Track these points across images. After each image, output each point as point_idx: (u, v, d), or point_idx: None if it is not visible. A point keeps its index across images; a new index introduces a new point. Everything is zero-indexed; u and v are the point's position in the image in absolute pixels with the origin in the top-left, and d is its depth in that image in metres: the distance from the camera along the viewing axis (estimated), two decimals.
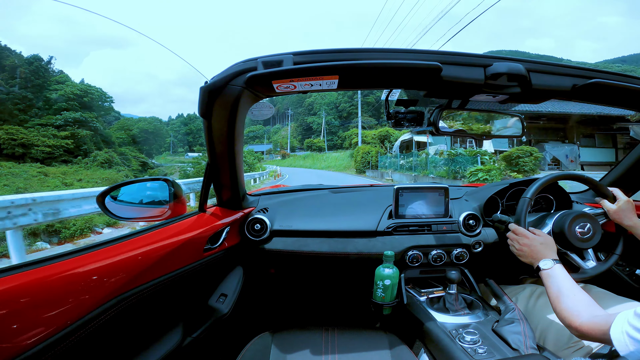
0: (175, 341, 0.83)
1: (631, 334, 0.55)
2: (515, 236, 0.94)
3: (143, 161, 30.98)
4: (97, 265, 0.60)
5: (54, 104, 29.75)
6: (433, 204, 1.21)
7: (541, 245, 0.87)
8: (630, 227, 0.94)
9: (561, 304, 0.73)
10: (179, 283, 0.82)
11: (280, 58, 0.61)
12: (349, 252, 1.13)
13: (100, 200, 0.85)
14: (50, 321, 0.52)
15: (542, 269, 0.82)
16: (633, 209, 0.97)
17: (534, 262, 0.86)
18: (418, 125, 0.89)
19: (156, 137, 66.27)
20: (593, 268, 0.97)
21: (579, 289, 0.74)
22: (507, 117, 0.97)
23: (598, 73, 0.72)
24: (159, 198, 0.94)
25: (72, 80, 35.40)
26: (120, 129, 40.58)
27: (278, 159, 41.72)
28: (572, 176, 1.04)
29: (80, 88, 33.20)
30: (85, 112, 29.95)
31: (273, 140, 73.65)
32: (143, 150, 35.68)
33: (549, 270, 0.81)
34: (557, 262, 0.82)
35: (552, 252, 0.86)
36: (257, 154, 52.57)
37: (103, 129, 32.34)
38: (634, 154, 1.10)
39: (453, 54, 0.66)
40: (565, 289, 0.75)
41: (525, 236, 0.91)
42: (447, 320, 0.93)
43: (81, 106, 30.89)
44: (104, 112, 40.15)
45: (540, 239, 0.89)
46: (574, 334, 0.70)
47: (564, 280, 0.77)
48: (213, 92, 0.67)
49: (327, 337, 0.92)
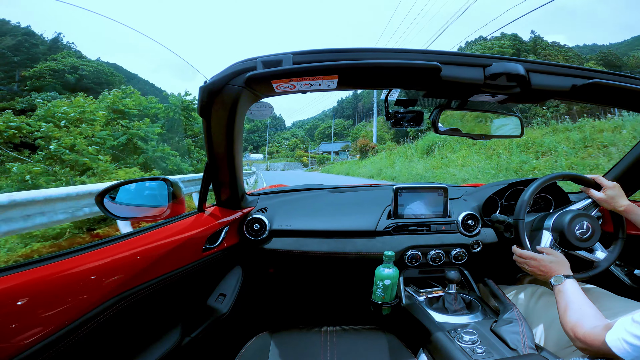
0: (174, 341, 0.83)
1: (629, 340, 0.56)
2: (524, 260, 0.94)
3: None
4: (96, 265, 0.60)
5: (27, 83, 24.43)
6: (432, 204, 1.21)
7: (551, 264, 0.88)
8: (624, 212, 0.95)
9: (567, 317, 0.74)
10: (178, 283, 0.81)
11: (280, 58, 0.61)
12: (348, 252, 1.13)
13: (99, 199, 0.85)
14: (49, 320, 0.52)
15: (553, 285, 0.84)
16: (622, 193, 0.98)
17: (547, 279, 0.88)
18: (417, 125, 0.89)
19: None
20: (605, 258, 0.98)
21: (588, 302, 0.75)
22: (507, 117, 0.97)
23: (597, 73, 0.72)
24: (158, 198, 0.94)
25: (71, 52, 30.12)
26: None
27: (354, 159, 30.93)
28: (565, 176, 1.05)
29: (80, 64, 28.15)
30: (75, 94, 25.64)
31: (353, 135, 51.54)
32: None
33: (560, 286, 0.82)
34: (569, 277, 0.83)
35: (564, 267, 0.87)
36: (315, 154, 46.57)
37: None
38: (633, 153, 1.11)
39: (452, 54, 0.66)
40: (572, 302, 0.76)
41: (533, 258, 0.91)
42: (446, 320, 0.93)
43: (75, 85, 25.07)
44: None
45: (548, 257, 0.89)
46: (577, 347, 0.71)
47: (573, 295, 0.77)
48: (212, 92, 0.67)
49: (326, 337, 0.92)
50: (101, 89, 29.35)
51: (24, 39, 31.43)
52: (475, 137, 0.94)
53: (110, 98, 10.69)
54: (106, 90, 11.83)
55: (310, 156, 51.81)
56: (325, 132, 65.30)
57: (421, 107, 0.88)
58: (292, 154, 56.25)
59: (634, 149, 1.10)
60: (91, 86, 28.54)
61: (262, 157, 55.61)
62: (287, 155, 56.89)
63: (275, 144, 72.68)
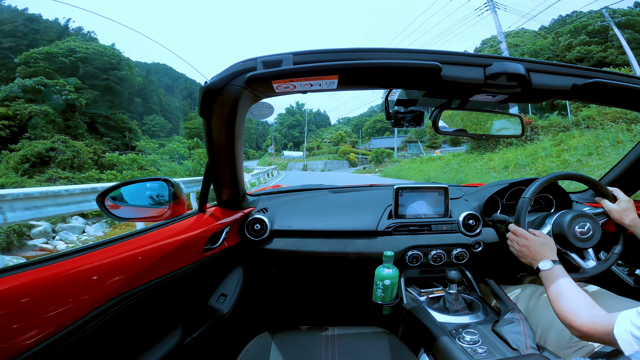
0: (175, 341, 0.83)
1: (635, 333, 0.55)
2: (515, 237, 0.94)
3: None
4: (97, 265, 0.60)
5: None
6: (433, 203, 1.21)
7: (541, 246, 0.87)
8: (631, 226, 0.95)
9: (561, 305, 0.73)
10: (178, 283, 0.82)
11: (280, 58, 0.61)
12: (349, 252, 1.13)
13: (100, 200, 0.85)
14: (50, 321, 0.52)
15: (541, 270, 0.83)
16: (633, 208, 0.97)
17: (533, 262, 0.86)
18: (418, 125, 0.89)
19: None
20: (593, 267, 0.97)
21: (579, 289, 0.74)
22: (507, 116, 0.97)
23: (598, 73, 0.72)
24: (159, 198, 0.94)
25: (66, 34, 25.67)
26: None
27: (430, 154, 22.75)
28: (572, 176, 1.04)
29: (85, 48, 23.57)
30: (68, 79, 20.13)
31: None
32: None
33: (548, 271, 0.81)
34: (557, 263, 0.82)
35: (552, 252, 0.86)
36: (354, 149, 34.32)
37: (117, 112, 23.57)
38: (633, 153, 1.10)
39: (453, 54, 0.66)
40: (564, 289, 0.75)
41: (525, 237, 0.91)
42: (447, 320, 0.93)
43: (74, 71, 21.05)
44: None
45: (540, 239, 0.89)
46: (574, 335, 0.70)
47: (564, 281, 0.77)
48: (213, 92, 0.67)
49: (327, 338, 0.92)
50: (106, 75, 25.06)
51: (23, 25, 27.12)
52: (476, 137, 0.94)
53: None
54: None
55: (360, 152, 39.26)
56: (375, 126, 51.15)
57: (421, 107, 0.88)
58: (336, 149, 43.16)
59: (634, 149, 1.10)
60: (92, 71, 24.76)
61: (302, 154, 45.48)
62: (329, 152, 44.39)
63: (317, 139, 59.83)
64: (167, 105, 40.52)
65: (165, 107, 39.63)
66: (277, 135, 65.09)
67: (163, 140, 27.70)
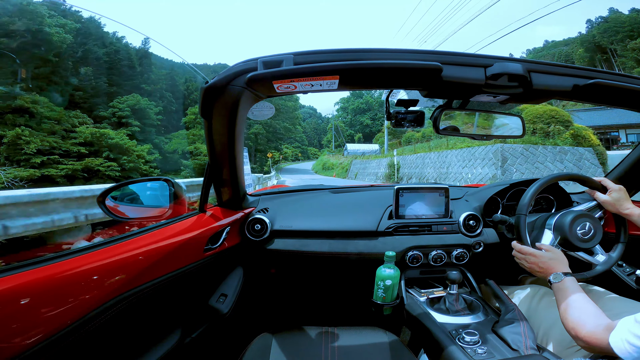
0: (176, 341, 0.83)
1: (632, 341, 0.56)
2: (522, 255, 0.94)
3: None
4: (97, 265, 0.60)
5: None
6: (433, 204, 1.21)
7: (550, 261, 0.87)
8: (628, 215, 0.95)
9: (569, 316, 0.73)
10: (179, 283, 0.82)
11: (281, 58, 0.61)
12: (350, 252, 1.13)
13: (101, 200, 0.85)
14: (50, 321, 0.52)
15: (552, 283, 0.83)
16: (627, 196, 0.97)
17: (545, 276, 0.87)
18: (419, 126, 0.89)
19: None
20: (605, 261, 0.97)
21: (588, 300, 0.74)
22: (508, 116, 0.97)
23: (599, 73, 0.72)
24: (160, 198, 0.94)
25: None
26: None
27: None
28: (570, 176, 1.04)
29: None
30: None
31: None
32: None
33: (559, 284, 0.81)
34: (568, 274, 0.82)
35: (562, 264, 0.86)
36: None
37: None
38: (634, 154, 1.10)
39: (453, 54, 0.66)
40: (573, 301, 0.75)
41: (532, 254, 0.90)
42: (447, 320, 0.93)
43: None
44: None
45: (547, 254, 0.89)
46: (580, 346, 0.70)
47: (573, 293, 0.77)
48: (213, 93, 0.67)
49: (328, 338, 0.91)
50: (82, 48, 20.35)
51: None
52: (477, 137, 0.94)
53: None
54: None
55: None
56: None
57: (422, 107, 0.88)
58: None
59: (635, 150, 1.09)
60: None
61: (376, 149, 30.57)
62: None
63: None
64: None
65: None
66: (340, 124, 48.69)
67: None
